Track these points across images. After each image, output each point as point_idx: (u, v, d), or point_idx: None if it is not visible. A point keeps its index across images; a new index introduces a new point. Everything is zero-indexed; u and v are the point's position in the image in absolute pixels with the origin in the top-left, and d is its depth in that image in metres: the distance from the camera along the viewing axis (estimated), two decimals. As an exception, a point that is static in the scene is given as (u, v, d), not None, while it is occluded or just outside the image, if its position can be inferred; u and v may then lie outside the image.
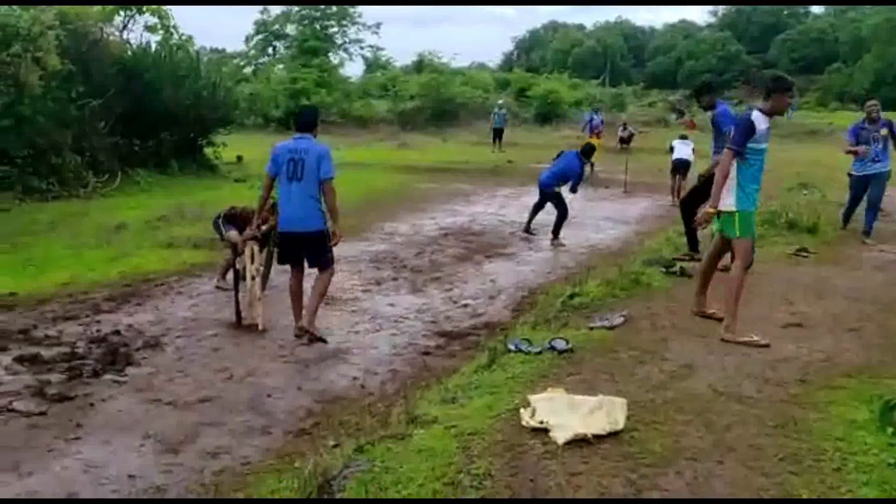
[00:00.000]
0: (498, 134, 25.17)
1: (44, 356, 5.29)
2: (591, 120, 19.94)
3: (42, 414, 4.39)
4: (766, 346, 4.92)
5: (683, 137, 14.84)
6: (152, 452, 4.00)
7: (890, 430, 3.52)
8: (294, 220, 5.72)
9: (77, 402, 4.57)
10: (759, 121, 5.03)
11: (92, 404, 4.58)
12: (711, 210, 5.16)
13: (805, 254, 8.22)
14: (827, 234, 9.49)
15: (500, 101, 28.70)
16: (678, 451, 3.38)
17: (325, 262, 5.85)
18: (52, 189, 12.57)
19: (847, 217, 9.94)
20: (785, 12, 71.23)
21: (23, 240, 9.39)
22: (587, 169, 11.66)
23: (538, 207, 10.68)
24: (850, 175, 9.79)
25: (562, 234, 10.17)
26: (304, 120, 5.99)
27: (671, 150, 14.53)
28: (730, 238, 5.21)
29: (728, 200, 5.09)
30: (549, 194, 10.40)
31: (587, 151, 10.84)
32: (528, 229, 10.70)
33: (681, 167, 14.00)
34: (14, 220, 10.50)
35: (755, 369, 4.50)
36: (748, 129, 5.02)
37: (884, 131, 9.29)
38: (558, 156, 10.77)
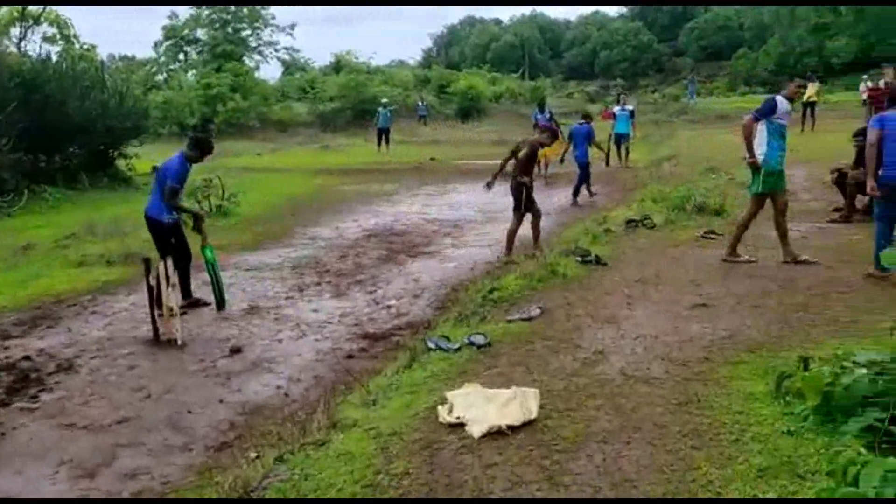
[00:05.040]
0: (384, 133, 24.22)
1: (-52, 388, 5.08)
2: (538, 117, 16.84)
3: (-52, 449, 4.24)
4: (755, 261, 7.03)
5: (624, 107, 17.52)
6: (67, 479, 3.92)
7: (783, 400, 3.76)
8: None
9: (-15, 434, 4.43)
10: (782, 102, 6.76)
11: (3, 434, 4.44)
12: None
13: (713, 236, 8.59)
14: (733, 215, 9.89)
15: (384, 100, 27.47)
16: (589, 436, 3.53)
17: None
18: (-46, 211, 12.00)
19: None
20: (692, 0, 73.52)
21: (-77, 267, 8.94)
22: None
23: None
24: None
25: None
26: None
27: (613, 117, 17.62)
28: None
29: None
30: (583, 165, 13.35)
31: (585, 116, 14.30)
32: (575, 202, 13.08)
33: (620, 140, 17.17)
34: (-88, 247, 9.97)
35: (663, 351, 4.71)
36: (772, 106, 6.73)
37: None
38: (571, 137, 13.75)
